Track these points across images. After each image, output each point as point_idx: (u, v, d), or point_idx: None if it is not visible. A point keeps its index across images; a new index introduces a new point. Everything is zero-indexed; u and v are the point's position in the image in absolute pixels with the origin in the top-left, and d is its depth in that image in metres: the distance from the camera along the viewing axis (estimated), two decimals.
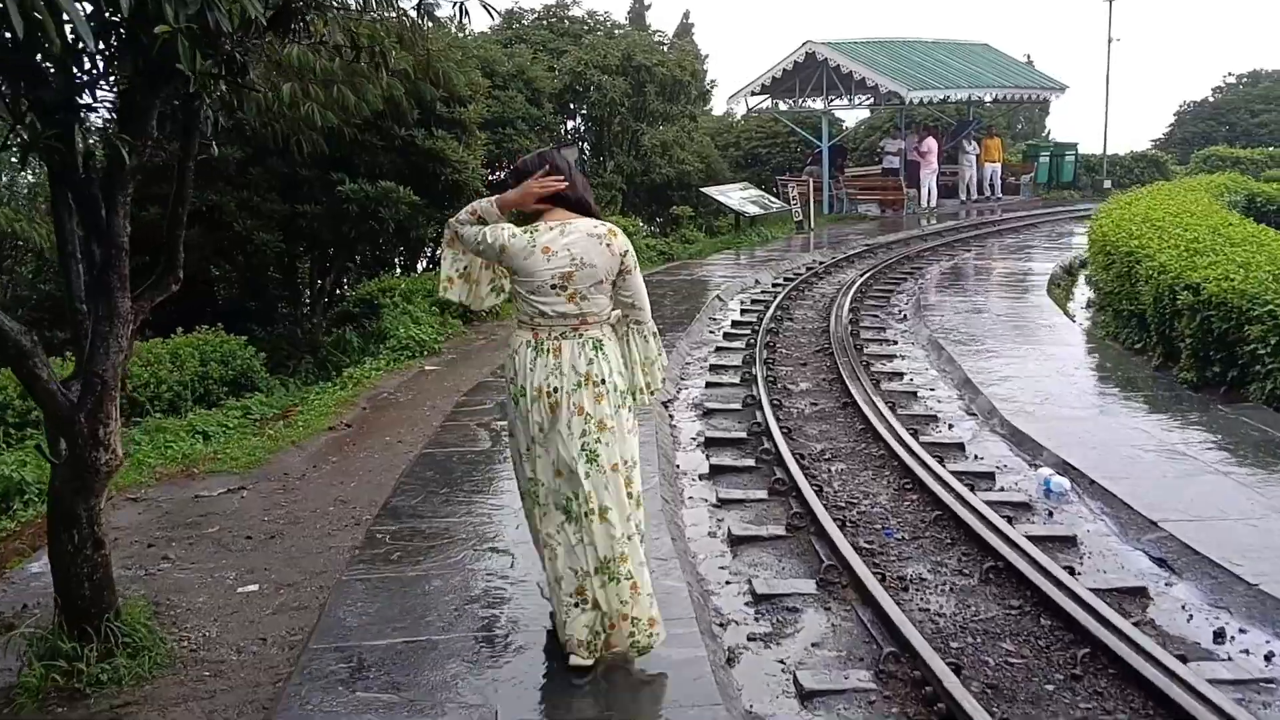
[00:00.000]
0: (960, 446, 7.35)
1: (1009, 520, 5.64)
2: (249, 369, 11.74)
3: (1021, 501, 6.19)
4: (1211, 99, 36.70)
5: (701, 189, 22.30)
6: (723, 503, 6.20)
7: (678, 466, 7.05)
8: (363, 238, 15.84)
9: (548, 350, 3.83)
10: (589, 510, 3.81)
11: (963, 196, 27.35)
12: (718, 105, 29.44)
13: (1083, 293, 15.42)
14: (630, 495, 3.91)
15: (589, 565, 3.82)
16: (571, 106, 23.19)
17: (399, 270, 19.76)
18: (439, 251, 18.44)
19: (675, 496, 6.33)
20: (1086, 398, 8.36)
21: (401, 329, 12.58)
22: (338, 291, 18.69)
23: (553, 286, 3.80)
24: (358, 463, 7.87)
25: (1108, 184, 29.98)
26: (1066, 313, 13.11)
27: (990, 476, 6.70)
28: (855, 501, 6.18)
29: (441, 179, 15.09)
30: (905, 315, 12.89)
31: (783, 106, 28.83)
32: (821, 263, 17.37)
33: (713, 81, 24.75)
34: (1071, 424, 7.56)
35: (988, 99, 27.06)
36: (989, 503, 5.95)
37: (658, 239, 22.02)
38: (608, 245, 3.87)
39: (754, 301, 13.74)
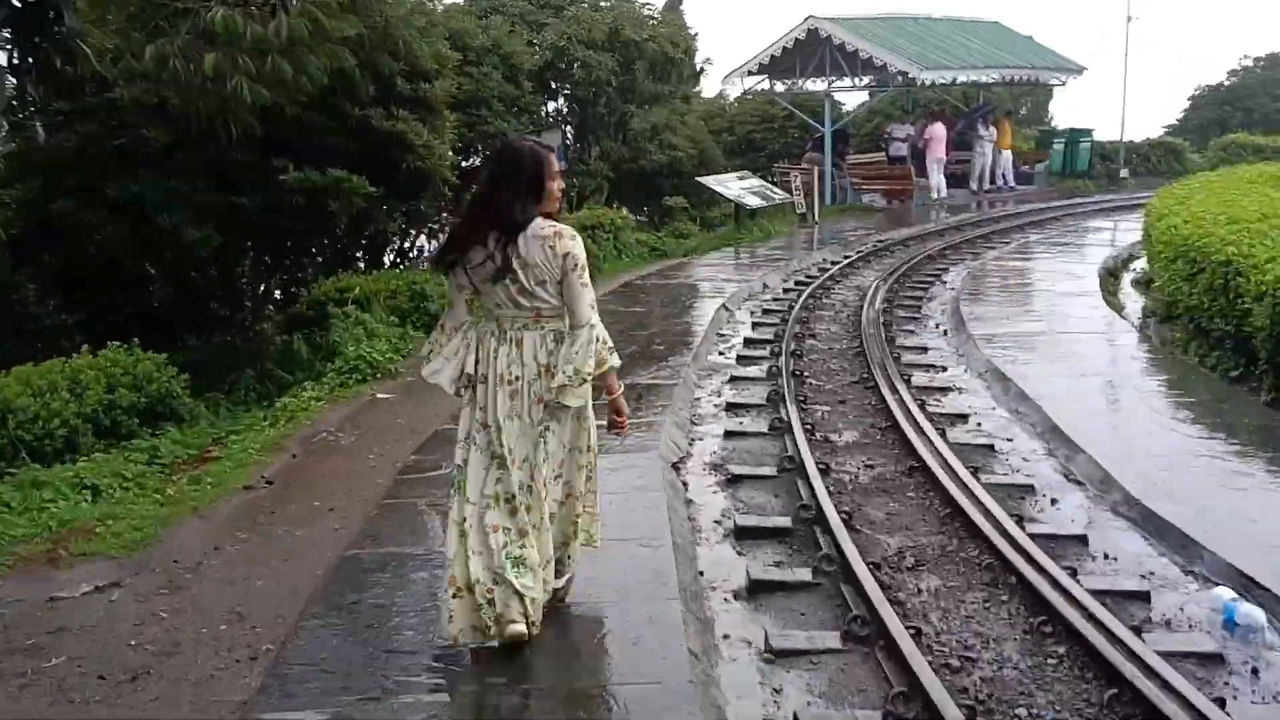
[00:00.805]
0: (1083, 541, 5.42)
1: (1219, 703, 3.72)
2: (167, 394, 9.67)
3: (1210, 652, 4.26)
4: (1228, 83, 34.92)
5: (697, 178, 20.30)
6: (777, 655, 4.24)
7: (701, 574, 5.09)
8: (312, 232, 13.78)
9: (510, 340, 3.98)
10: (530, 502, 4.00)
11: (974, 186, 25.45)
12: (709, 86, 27.36)
13: (1131, 300, 13.56)
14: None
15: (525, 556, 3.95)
16: (553, 85, 21.14)
17: (362, 267, 17.73)
18: (410, 243, 14.08)
19: (704, 636, 4.38)
20: (1222, 460, 6.44)
21: (351, 345, 10.57)
22: (292, 291, 16.66)
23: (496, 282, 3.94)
24: (272, 545, 5.93)
25: (1124, 173, 28.18)
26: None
27: (1144, 598, 4.77)
28: (973, 655, 4.23)
29: (403, 166, 13.04)
30: (946, 330, 10.98)
31: (779, 88, 26.84)
32: (834, 263, 15.42)
33: (707, 59, 22.74)
34: (1221, 503, 5.65)
35: (1002, 80, 25.13)
36: (1167, 654, 4.05)
37: (649, 232, 20.05)
38: (550, 247, 3.90)
39: (766, 313, 11.80)
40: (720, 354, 9.84)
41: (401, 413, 8.69)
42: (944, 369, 9.34)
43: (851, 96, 30.76)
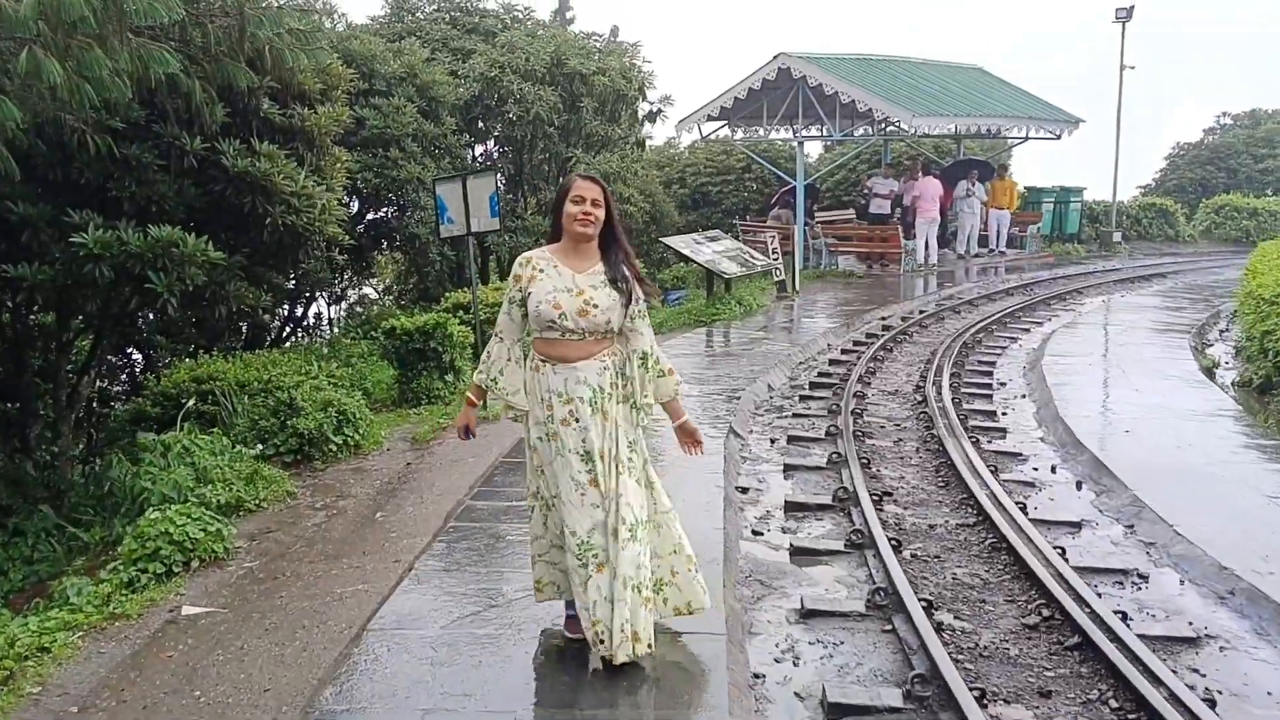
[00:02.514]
0: None
1: None
2: None
3: None
4: (1207, 140, 32.67)
5: (662, 238, 16.69)
6: None
7: None
8: (122, 318, 9.85)
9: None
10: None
11: (960, 250, 22.36)
12: (663, 131, 23.90)
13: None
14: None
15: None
16: (481, 125, 17.52)
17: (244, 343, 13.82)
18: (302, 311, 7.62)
19: None
20: None
21: (160, 524, 6.61)
22: (144, 378, 12.67)
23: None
24: None
25: (1118, 237, 25.40)
26: None
27: None
28: None
29: (268, 222, 9.21)
30: (1057, 455, 7.46)
31: (739, 135, 23.58)
32: (843, 349, 11.97)
33: (665, 98, 19.24)
34: None
35: (991, 132, 22.14)
36: None
37: None
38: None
39: (795, 441, 8.15)
40: (762, 544, 6.09)
41: (216, 663, 4.85)
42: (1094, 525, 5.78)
43: (813, 147, 27.77)
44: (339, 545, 6.46)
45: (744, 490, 6.88)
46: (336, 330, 16.96)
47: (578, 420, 4.00)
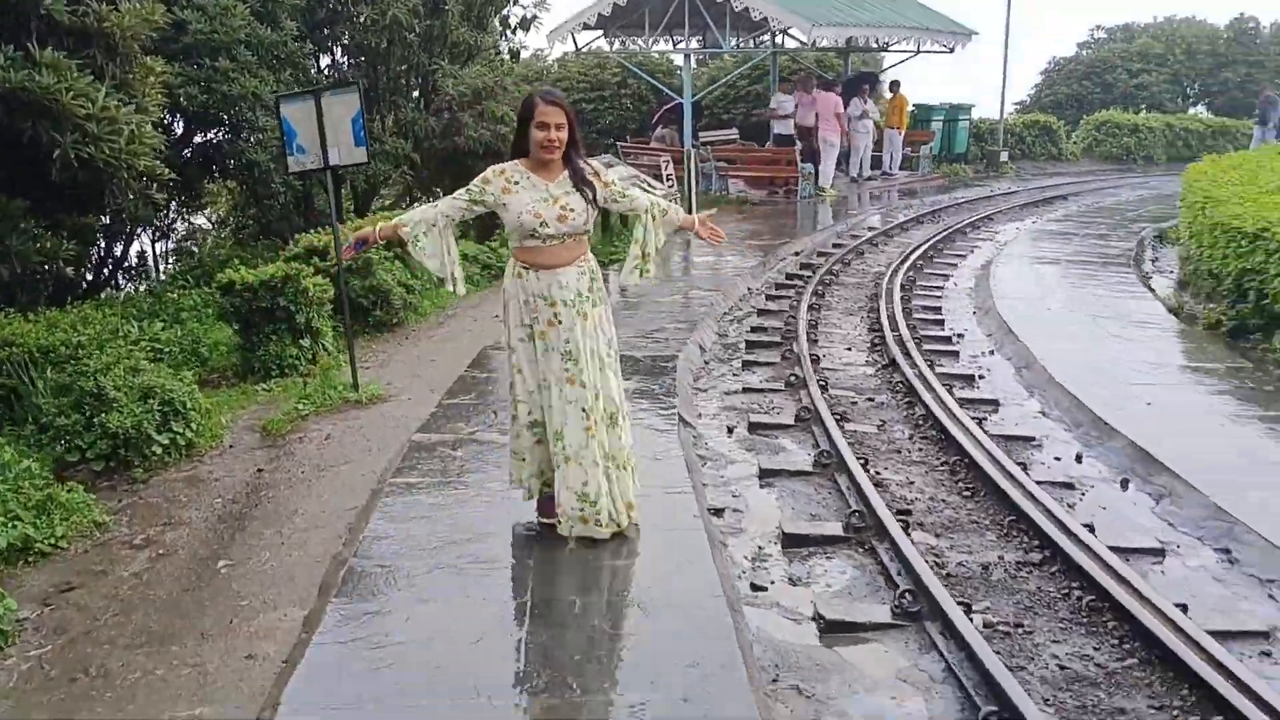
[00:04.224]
0: None
1: None
2: None
3: None
4: (1082, 55, 32.16)
5: None
6: None
7: None
8: None
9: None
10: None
11: (854, 172, 21.04)
12: (536, 40, 21.48)
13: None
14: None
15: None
16: (328, 31, 15.02)
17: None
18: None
19: None
20: None
21: None
22: None
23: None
24: None
25: (1005, 156, 24.56)
26: None
27: None
28: None
29: (57, 154, 6.92)
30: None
31: (617, 46, 21.52)
32: (767, 294, 10.43)
33: (540, 1, 16.92)
34: None
35: (888, 44, 20.74)
36: None
37: (469, 240, 14.38)
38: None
39: (757, 431, 6.51)
40: (771, 610, 4.42)
41: None
42: None
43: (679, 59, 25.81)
44: (167, 615, 4.57)
45: (718, 513, 5.22)
46: (164, 274, 14.44)
47: (561, 322, 4.36)
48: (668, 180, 15.08)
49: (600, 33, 20.36)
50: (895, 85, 21.23)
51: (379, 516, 5.03)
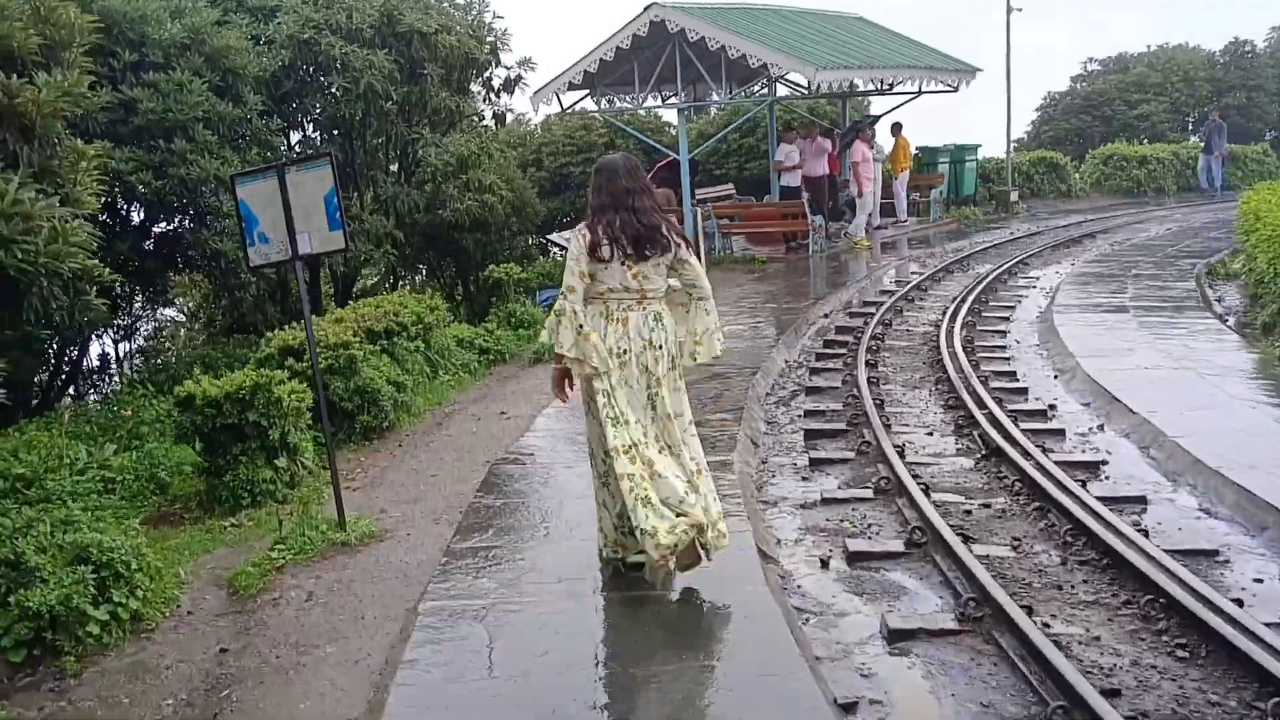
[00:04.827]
0: None
1: None
2: None
3: None
4: (1078, 89, 31.28)
5: (547, 236, 13.39)
6: None
7: None
8: None
9: (617, 319, 4.49)
10: (661, 448, 4.51)
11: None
12: (521, 103, 20.23)
13: None
14: (685, 443, 4.58)
15: (679, 490, 4.39)
16: (297, 104, 13.76)
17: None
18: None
19: None
20: None
21: None
22: None
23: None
24: None
25: (1015, 196, 23.45)
26: None
27: None
28: None
29: None
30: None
31: (606, 104, 20.37)
32: (810, 366, 9.04)
33: (526, 60, 15.73)
34: None
35: (891, 85, 19.65)
36: None
37: (460, 319, 13.06)
38: (673, 234, 4.56)
39: (858, 562, 5.08)
40: None
41: None
42: None
43: (671, 116, 24.72)
44: None
45: (848, 709, 3.76)
46: (124, 379, 12.98)
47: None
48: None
49: (586, 92, 19.21)
50: (897, 128, 20.12)
51: None
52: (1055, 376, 8.79)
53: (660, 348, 4.49)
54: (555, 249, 17.89)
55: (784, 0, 20.46)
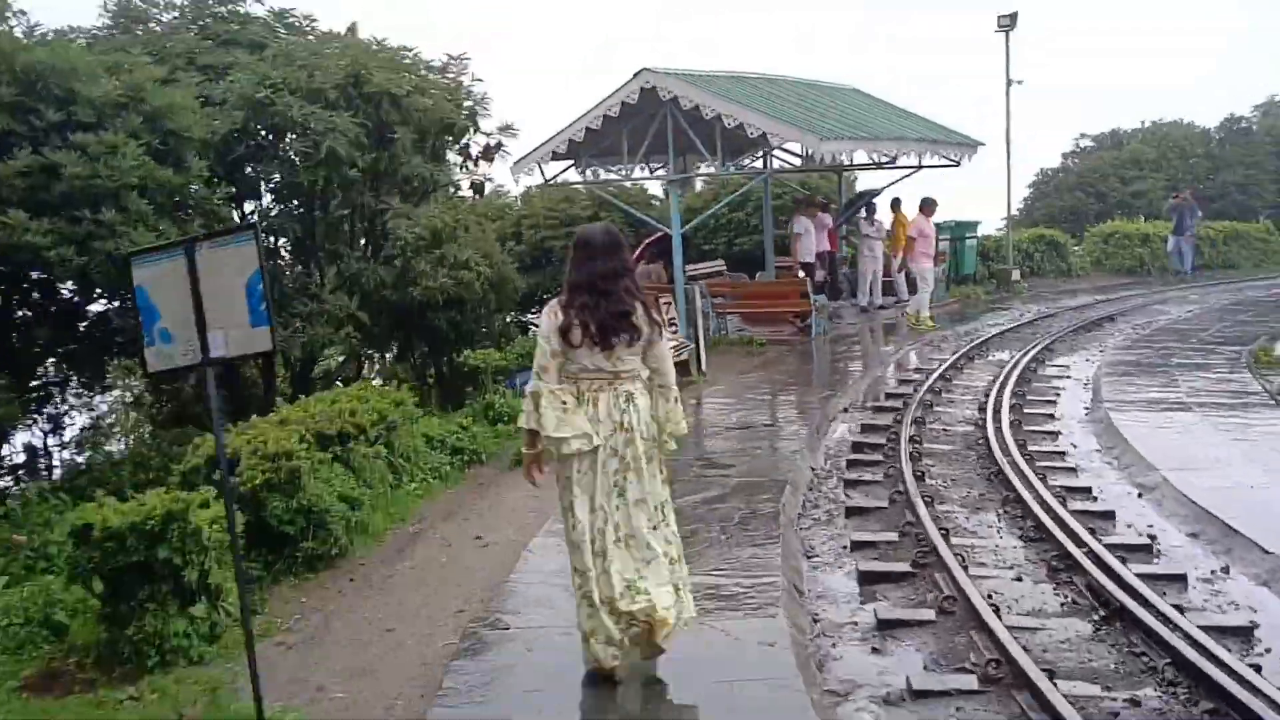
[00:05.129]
0: None
1: None
2: None
3: None
4: (1071, 165, 30.51)
5: (526, 320, 11.96)
6: None
7: None
8: None
9: (587, 400, 4.32)
10: (617, 538, 4.32)
11: (864, 301, 18.65)
12: (502, 173, 18.84)
13: None
14: (654, 527, 4.38)
15: (617, 589, 4.24)
16: (251, 171, 12.38)
17: None
18: None
19: None
20: None
21: None
22: None
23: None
24: None
25: (1016, 275, 22.36)
26: None
27: None
28: None
29: None
30: None
31: (590, 175, 19.12)
32: (844, 477, 7.61)
33: (507, 126, 14.39)
34: None
35: (900, 158, 18.55)
36: None
37: (433, 410, 11.62)
38: (648, 316, 4.38)
39: None
40: None
41: None
42: None
43: (653, 189, 23.59)
44: None
45: None
46: (36, 489, 11.32)
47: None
48: (670, 325, 12.42)
49: (570, 162, 17.96)
50: (897, 203, 19.00)
51: None
52: (1140, 494, 7.37)
53: (632, 429, 4.34)
54: (535, 329, 16.42)
55: (777, 71, 19.43)
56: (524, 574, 6.07)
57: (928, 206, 16.62)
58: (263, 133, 12.14)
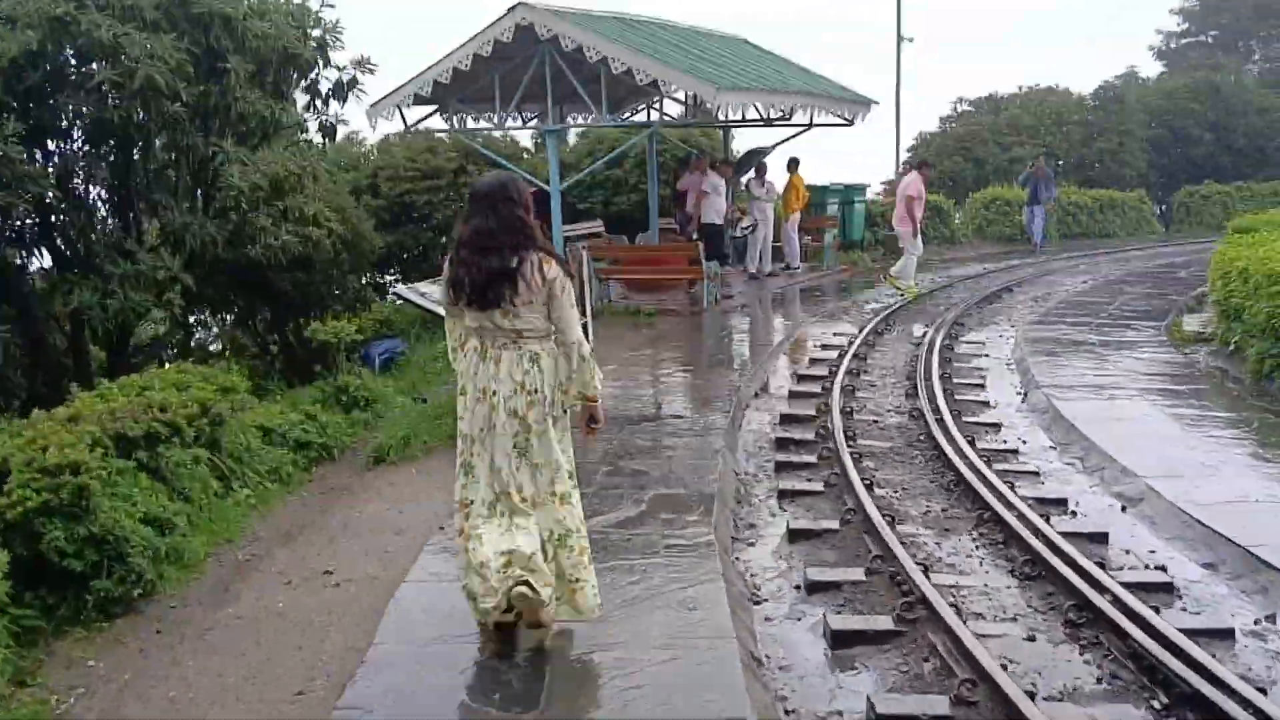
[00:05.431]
0: None
1: None
2: None
3: None
4: (950, 129, 30.02)
5: (396, 289, 10.29)
6: None
7: None
8: None
9: (490, 359, 4.15)
10: (520, 501, 4.18)
11: (753, 267, 17.47)
12: (357, 115, 16.67)
13: None
14: (554, 494, 4.24)
15: (520, 547, 4.08)
16: (53, 103, 10.22)
17: None
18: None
19: None
20: None
21: None
22: None
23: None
24: None
25: None
26: None
27: None
28: None
29: None
30: None
31: (458, 123, 17.27)
32: (776, 487, 6.33)
33: (363, 60, 12.36)
34: None
35: (795, 113, 17.32)
36: None
37: (275, 393, 9.90)
38: (540, 271, 4.10)
39: None
40: None
41: None
42: None
43: (522, 138, 21.87)
44: None
45: None
46: None
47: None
48: None
49: (435, 107, 16.08)
50: (794, 163, 17.85)
51: None
52: (1124, 508, 6.30)
53: (535, 391, 4.17)
54: (401, 301, 14.59)
55: (659, 14, 17.93)
56: (391, 643, 4.51)
57: (925, 167, 15.90)
58: (65, 57, 9.99)
